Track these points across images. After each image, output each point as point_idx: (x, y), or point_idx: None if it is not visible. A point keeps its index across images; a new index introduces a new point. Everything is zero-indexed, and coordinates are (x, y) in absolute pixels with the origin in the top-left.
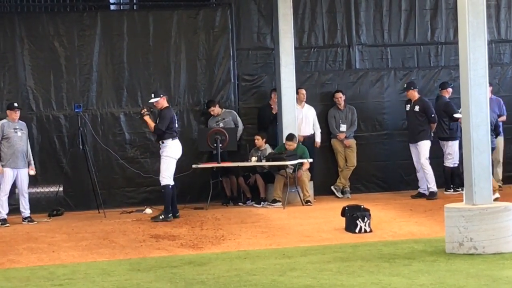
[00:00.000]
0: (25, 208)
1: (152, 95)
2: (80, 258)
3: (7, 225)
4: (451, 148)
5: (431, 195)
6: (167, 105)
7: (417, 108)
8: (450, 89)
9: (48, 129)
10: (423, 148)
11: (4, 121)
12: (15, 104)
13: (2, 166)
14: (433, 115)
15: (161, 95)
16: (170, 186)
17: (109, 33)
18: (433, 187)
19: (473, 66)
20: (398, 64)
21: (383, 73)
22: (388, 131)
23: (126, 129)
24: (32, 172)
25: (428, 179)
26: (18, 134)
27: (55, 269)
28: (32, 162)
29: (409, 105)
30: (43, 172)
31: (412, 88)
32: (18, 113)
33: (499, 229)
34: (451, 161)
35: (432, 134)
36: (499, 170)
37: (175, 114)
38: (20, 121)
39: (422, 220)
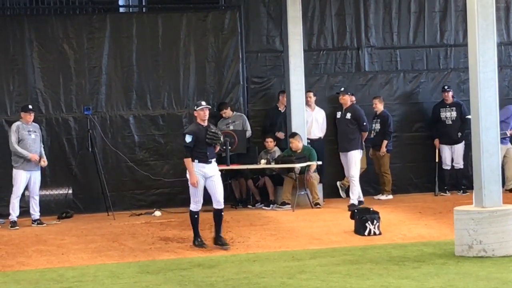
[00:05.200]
0: (35, 211)
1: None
2: (89, 260)
3: (17, 227)
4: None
5: (352, 207)
6: None
7: (348, 115)
8: None
9: (58, 131)
10: (355, 158)
11: (18, 123)
12: (30, 107)
13: (16, 168)
14: (364, 124)
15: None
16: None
17: (118, 36)
18: (355, 200)
19: (482, 68)
20: (407, 66)
21: (392, 76)
22: (397, 134)
23: (135, 131)
24: (44, 164)
25: (353, 191)
26: (32, 137)
27: (64, 271)
28: (44, 156)
29: (340, 112)
30: (53, 174)
31: (349, 93)
32: (32, 116)
33: (508, 231)
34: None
35: (364, 143)
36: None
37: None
38: (33, 123)
39: (431, 223)
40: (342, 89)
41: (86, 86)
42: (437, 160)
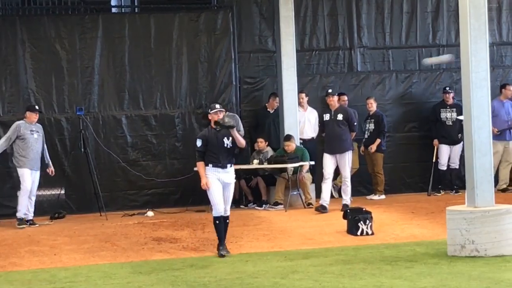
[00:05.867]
0: (29, 211)
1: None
2: (82, 261)
3: (24, 226)
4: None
5: (346, 207)
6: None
7: (340, 116)
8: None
9: (50, 132)
10: (349, 159)
11: (21, 122)
12: (36, 107)
13: (21, 167)
14: (355, 124)
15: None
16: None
17: (110, 36)
18: (348, 200)
19: (474, 68)
20: (399, 66)
21: (384, 76)
22: (389, 134)
23: (128, 131)
24: (51, 173)
25: (346, 191)
26: (34, 136)
27: (57, 272)
28: (50, 163)
29: (328, 114)
30: (45, 174)
31: (338, 94)
32: (37, 116)
33: (501, 231)
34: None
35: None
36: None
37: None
38: (36, 124)
39: (424, 223)
40: (330, 90)
41: (79, 87)
42: (434, 160)
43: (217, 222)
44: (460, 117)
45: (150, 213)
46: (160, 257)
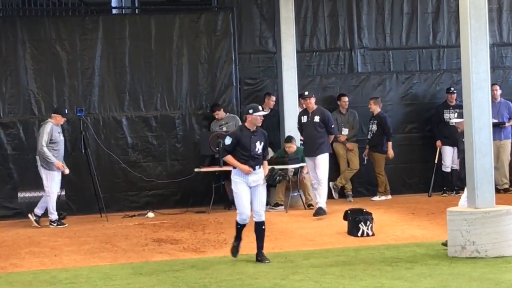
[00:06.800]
0: (41, 208)
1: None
2: (82, 262)
3: (60, 225)
4: None
5: (321, 211)
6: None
7: (317, 118)
8: None
9: None
10: (325, 162)
11: (51, 124)
12: (66, 111)
13: (49, 170)
14: (332, 126)
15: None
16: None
17: (111, 37)
18: (323, 203)
19: (475, 69)
20: (400, 67)
21: (385, 77)
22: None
23: (128, 133)
24: (67, 171)
25: (321, 194)
26: (61, 138)
27: (57, 273)
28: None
29: (305, 116)
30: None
31: (313, 96)
32: (65, 119)
33: (501, 232)
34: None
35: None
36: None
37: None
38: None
39: (424, 224)
40: (306, 92)
41: (79, 88)
42: (436, 161)
43: (238, 226)
44: (456, 120)
45: (150, 214)
46: (161, 258)
